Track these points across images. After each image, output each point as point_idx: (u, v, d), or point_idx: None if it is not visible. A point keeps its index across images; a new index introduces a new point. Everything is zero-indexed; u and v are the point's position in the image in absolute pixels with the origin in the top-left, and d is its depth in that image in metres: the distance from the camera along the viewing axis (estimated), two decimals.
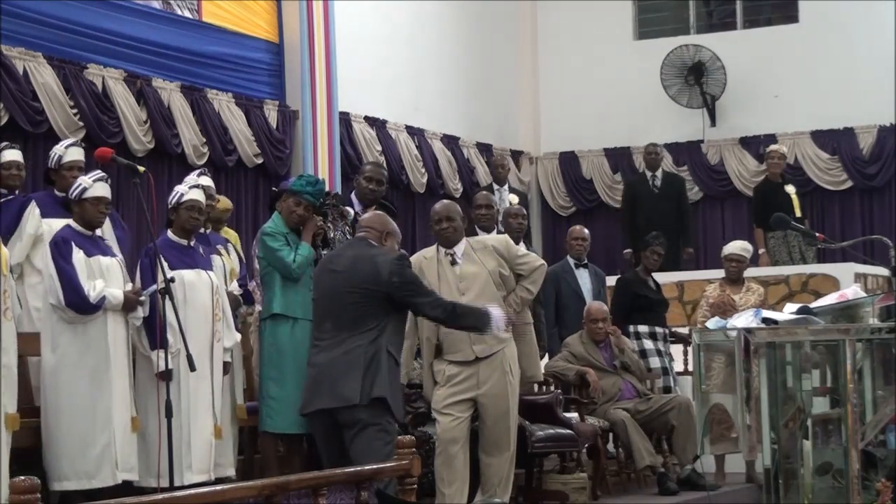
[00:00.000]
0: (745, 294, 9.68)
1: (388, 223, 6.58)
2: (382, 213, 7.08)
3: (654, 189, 12.88)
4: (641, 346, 9.60)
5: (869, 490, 6.00)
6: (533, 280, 7.27)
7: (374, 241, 6.46)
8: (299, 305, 7.32)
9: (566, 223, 14.57)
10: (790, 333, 6.07)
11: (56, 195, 7.43)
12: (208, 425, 6.93)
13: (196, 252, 7.13)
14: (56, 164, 7.50)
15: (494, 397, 6.91)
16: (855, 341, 5.97)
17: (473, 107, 14.92)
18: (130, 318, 6.77)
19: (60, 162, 7.48)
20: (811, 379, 6.10)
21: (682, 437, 8.75)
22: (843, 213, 14.89)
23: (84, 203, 6.75)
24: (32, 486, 3.56)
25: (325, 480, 4.59)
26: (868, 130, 14.66)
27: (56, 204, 7.34)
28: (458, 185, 14.33)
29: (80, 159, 7.52)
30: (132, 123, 10.58)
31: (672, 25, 15.89)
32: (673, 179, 13.18)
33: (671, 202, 12.79)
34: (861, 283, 10.77)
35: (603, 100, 15.52)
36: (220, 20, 11.77)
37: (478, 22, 15.10)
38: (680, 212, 12.85)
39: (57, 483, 6.56)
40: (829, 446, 6.04)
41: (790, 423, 6.00)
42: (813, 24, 14.97)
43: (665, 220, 12.57)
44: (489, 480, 6.98)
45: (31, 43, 9.90)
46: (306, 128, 12.09)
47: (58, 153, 7.53)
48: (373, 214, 6.93)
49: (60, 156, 7.50)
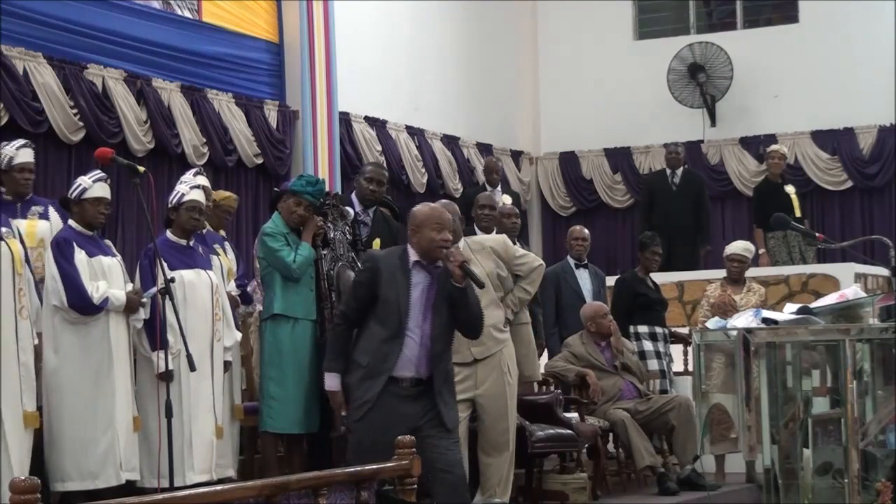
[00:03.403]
0: (746, 294, 9.70)
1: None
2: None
3: (672, 186, 12.88)
4: (640, 347, 9.60)
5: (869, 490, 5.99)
6: (531, 280, 7.26)
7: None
8: (300, 305, 7.32)
9: (566, 223, 14.57)
10: (790, 333, 6.07)
11: (3, 198, 7.15)
12: (209, 425, 6.93)
13: (196, 252, 7.14)
14: (6, 164, 7.18)
15: (492, 398, 6.90)
16: (855, 341, 5.97)
17: (473, 107, 14.92)
18: (132, 319, 6.78)
19: (11, 163, 7.19)
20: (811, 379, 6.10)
21: (682, 437, 8.75)
22: (843, 213, 14.89)
23: (84, 203, 6.74)
24: (32, 486, 3.56)
25: (325, 480, 4.59)
26: (868, 130, 14.66)
27: (4, 207, 6.97)
28: (458, 185, 14.32)
29: (31, 161, 7.27)
30: (132, 123, 10.58)
31: (672, 25, 15.90)
32: (692, 178, 13.13)
33: (689, 200, 12.80)
34: (861, 283, 10.77)
35: (603, 100, 15.53)
36: (220, 20, 11.77)
37: (478, 22, 15.10)
38: (698, 210, 12.86)
39: (60, 483, 6.56)
40: (829, 446, 6.04)
41: (790, 423, 6.00)
42: (813, 24, 14.98)
43: (682, 218, 12.61)
44: (489, 481, 6.97)
45: (31, 43, 9.90)
46: (306, 128, 12.10)
47: (8, 154, 7.20)
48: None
49: (11, 157, 7.19)
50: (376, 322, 5.81)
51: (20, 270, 6.19)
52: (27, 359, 6.17)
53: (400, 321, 5.75)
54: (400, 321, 5.75)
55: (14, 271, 6.15)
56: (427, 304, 5.81)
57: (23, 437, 6.18)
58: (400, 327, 5.76)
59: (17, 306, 6.14)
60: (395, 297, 5.77)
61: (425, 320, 5.80)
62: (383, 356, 5.78)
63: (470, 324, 5.94)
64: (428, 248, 5.78)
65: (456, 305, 5.80)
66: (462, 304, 5.79)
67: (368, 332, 5.84)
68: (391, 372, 5.78)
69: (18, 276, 6.16)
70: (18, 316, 6.14)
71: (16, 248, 6.19)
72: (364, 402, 5.78)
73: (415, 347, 5.79)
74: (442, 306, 5.81)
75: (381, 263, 5.86)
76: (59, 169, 10.00)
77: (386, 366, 5.76)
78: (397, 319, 5.75)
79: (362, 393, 5.80)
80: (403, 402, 5.77)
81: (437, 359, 5.83)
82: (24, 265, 6.25)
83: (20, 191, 7.19)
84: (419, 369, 5.82)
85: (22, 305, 6.17)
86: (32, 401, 6.22)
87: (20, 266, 6.19)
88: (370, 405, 5.76)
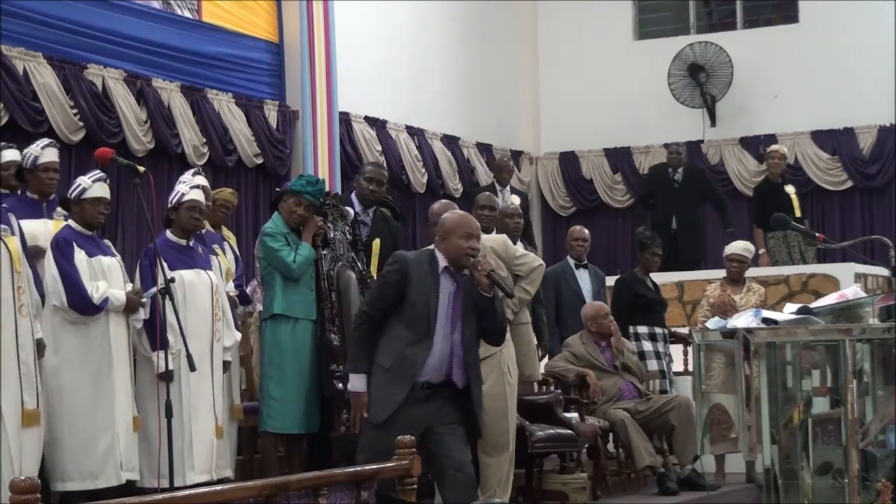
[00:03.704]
0: (745, 294, 9.70)
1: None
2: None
3: (674, 184, 12.89)
4: (640, 347, 9.60)
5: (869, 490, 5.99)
6: (531, 280, 7.26)
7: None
8: (300, 306, 7.32)
9: (566, 223, 14.57)
10: (790, 333, 6.07)
11: (29, 197, 7.18)
12: (209, 425, 6.94)
13: (195, 252, 7.14)
14: (31, 164, 7.18)
15: (492, 398, 6.89)
16: (855, 341, 5.97)
17: (473, 107, 14.92)
18: (132, 320, 6.78)
19: (36, 162, 7.18)
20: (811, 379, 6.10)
21: (682, 437, 8.75)
22: (843, 213, 14.89)
23: (83, 203, 6.74)
24: (32, 486, 3.56)
25: (325, 480, 4.59)
26: (868, 130, 14.66)
27: (29, 206, 7.07)
28: (458, 185, 14.33)
29: (56, 160, 7.28)
30: (132, 123, 10.58)
31: (672, 25, 15.90)
32: (693, 174, 13.13)
33: (693, 197, 12.82)
34: (861, 283, 10.78)
35: (603, 100, 15.53)
36: (220, 20, 11.77)
37: (478, 22, 15.10)
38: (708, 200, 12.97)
39: (60, 483, 6.56)
40: (829, 446, 6.04)
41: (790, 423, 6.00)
42: (813, 24, 14.97)
43: (685, 215, 12.62)
44: (489, 481, 6.97)
45: (31, 43, 9.90)
46: (306, 128, 12.09)
47: (33, 153, 7.20)
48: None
49: (36, 156, 7.18)
50: (402, 324, 5.76)
51: (19, 268, 6.18)
52: (26, 356, 6.17)
53: (428, 325, 5.71)
54: (428, 325, 5.71)
55: (13, 269, 6.14)
56: (454, 310, 5.78)
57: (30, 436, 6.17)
58: (428, 331, 5.70)
59: (17, 304, 6.14)
60: (425, 301, 5.72)
61: (454, 328, 5.77)
62: (409, 359, 5.72)
63: (495, 332, 5.94)
64: (455, 255, 5.75)
65: (483, 314, 5.78)
66: (489, 313, 5.77)
67: (393, 334, 5.78)
68: (416, 377, 5.73)
69: (17, 274, 6.16)
70: (18, 314, 6.14)
71: (13, 246, 6.19)
72: (388, 406, 5.71)
73: (442, 352, 5.75)
74: (469, 314, 5.79)
75: (412, 266, 5.79)
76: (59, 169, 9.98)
77: (412, 370, 5.71)
78: (426, 323, 5.70)
79: (385, 397, 5.73)
80: (419, 404, 5.74)
81: (471, 366, 5.81)
82: (22, 263, 6.24)
83: (45, 190, 7.18)
84: (448, 375, 5.78)
85: (21, 303, 6.17)
86: (33, 398, 6.22)
87: (18, 264, 6.18)
88: (392, 411, 5.70)
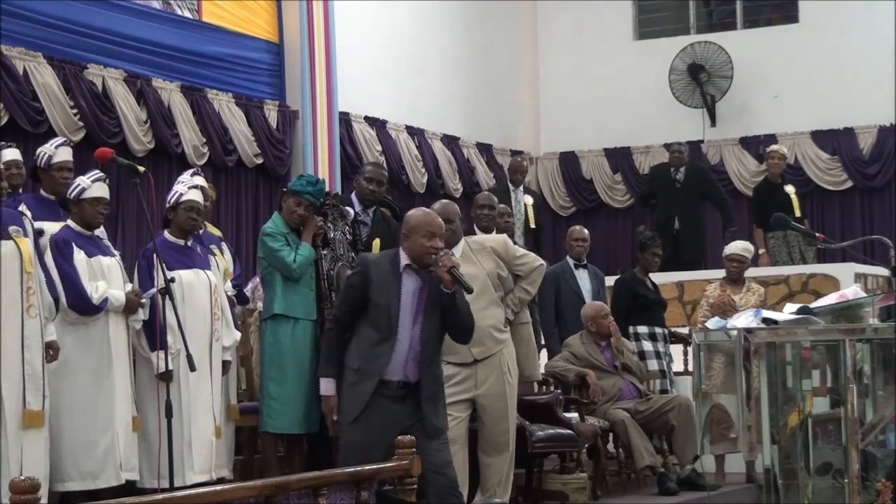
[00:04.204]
0: (745, 294, 9.70)
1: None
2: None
3: (676, 184, 12.88)
4: (640, 347, 9.60)
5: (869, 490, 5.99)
6: (531, 280, 7.26)
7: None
8: (300, 306, 7.32)
9: (566, 223, 14.57)
10: (790, 333, 6.07)
11: (44, 196, 7.21)
12: (209, 425, 6.94)
13: (194, 252, 7.14)
14: (45, 163, 7.20)
15: (493, 398, 6.90)
16: (855, 341, 5.97)
17: (473, 107, 14.93)
18: (131, 320, 6.77)
19: (50, 162, 7.19)
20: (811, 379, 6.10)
21: (682, 437, 8.75)
22: (843, 213, 14.90)
23: (83, 203, 6.73)
24: (33, 486, 3.55)
25: (325, 480, 4.58)
26: (868, 130, 14.67)
27: (44, 206, 7.10)
28: (458, 185, 14.33)
29: (70, 160, 7.29)
30: (132, 123, 10.58)
31: (672, 25, 15.91)
32: (695, 173, 13.10)
33: (694, 196, 12.83)
34: (861, 283, 10.77)
35: (603, 100, 15.53)
36: (220, 20, 11.77)
37: (478, 22, 15.10)
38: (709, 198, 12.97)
39: (60, 484, 6.55)
40: (829, 446, 6.04)
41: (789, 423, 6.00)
42: (813, 24, 14.98)
43: (687, 214, 12.62)
44: (489, 481, 6.97)
45: (31, 43, 9.90)
46: (306, 128, 12.10)
47: (47, 153, 7.22)
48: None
49: (50, 155, 7.20)
50: (368, 325, 5.84)
51: (29, 269, 6.16)
52: (32, 357, 6.15)
53: (391, 324, 5.78)
54: (391, 324, 5.78)
55: (22, 269, 6.13)
56: (418, 307, 5.83)
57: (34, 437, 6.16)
58: (391, 331, 5.78)
59: (25, 304, 6.13)
60: (386, 301, 5.79)
61: (415, 324, 5.83)
62: (375, 359, 5.80)
63: (460, 328, 5.95)
64: (418, 254, 5.80)
65: (446, 310, 5.82)
66: (452, 309, 5.81)
67: (360, 335, 5.86)
68: (382, 375, 5.80)
69: (27, 275, 6.14)
70: (26, 314, 6.12)
71: (25, 246, 6.17)
72: (356, 404, 5.81)
73: (404, 351, 5.81)
74: (433, 310, 5.83)
75: (372, 267, 5.88)
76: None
77: (377, 368, 5.79)
78: (388, 323, 5.78)
79: (354, 395, 5.83)
80: (393, 403, 5.81)
81: (425, 362, 5.85)
82: (34, 264, 6.23)
83: (59, 190, 7.16)
84: (408, 372, 5.85)
85: (30, 304, 6.16)
86: (38, 399, 6.21)
87: (29, 264, 6.16)
88: (362, 407, 5.78)
